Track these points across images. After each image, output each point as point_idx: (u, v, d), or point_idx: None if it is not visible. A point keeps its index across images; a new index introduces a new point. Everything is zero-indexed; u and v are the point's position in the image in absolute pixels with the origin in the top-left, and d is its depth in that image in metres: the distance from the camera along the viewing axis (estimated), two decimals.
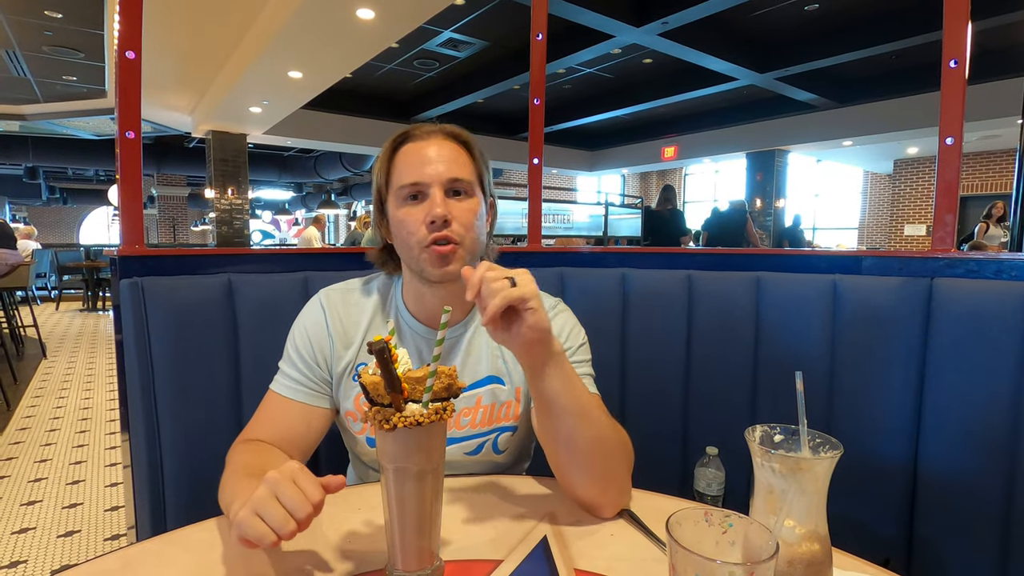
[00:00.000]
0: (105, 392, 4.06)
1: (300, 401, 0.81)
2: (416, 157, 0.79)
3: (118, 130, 1.01)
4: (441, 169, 0.77)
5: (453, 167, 0.78)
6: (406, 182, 0.78)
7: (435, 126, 0.82)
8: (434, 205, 0.76)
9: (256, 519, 0.51)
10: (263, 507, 0.52)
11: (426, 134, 0.80)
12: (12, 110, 8.42)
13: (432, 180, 0.77)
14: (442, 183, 0.77)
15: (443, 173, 0.77)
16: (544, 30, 1.42)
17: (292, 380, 0.82)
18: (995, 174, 9.84)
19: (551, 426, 0.68)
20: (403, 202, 0.79)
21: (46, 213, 15.80)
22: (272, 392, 0.83)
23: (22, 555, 1.98)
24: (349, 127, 9.73)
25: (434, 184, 0.77)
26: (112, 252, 1.00)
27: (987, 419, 0.87)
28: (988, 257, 0.96)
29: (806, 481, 0.47)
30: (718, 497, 1.08)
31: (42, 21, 5.36)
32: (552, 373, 0.65)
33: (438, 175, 0.77)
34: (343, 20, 4.63)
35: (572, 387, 0.67)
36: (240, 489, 0.62)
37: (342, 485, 0.56)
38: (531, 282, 0.62)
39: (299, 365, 0.83)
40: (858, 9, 6.24)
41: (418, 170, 0.78)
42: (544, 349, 0.64)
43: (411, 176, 0.78)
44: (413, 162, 0.78)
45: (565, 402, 0.66)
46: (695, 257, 1.27)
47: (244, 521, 0.52)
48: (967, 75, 1.01)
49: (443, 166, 0.78)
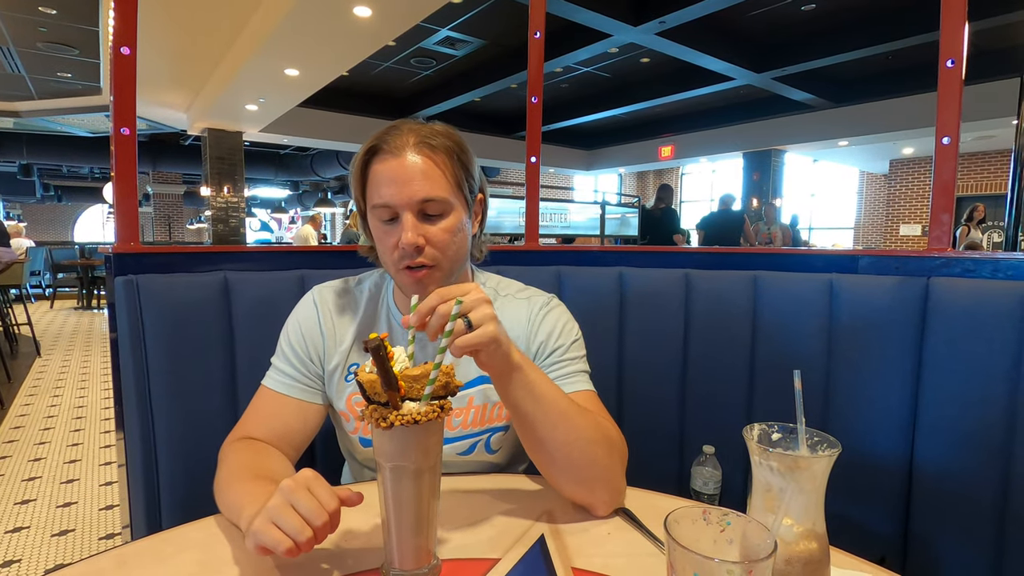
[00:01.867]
0: (100, 390, 4.04)
1: (294, 397, 0.81)
2: (385, 177, 0.74)
3: (113, 126, 1.01)
4: (411, 192, 0.73)
5: (425, 186, 0.73)
6: (377, 203, 0.75)
7: (406, 135, 0.75)
8: (404, 231, 0.73)
9: (272, 527, 0.51)
10: (279, 515, 0.51)
11: (396, 149, 0.74)
12: (6, 107, 8.37)
13: (402, 205, 0.73)
14: (412, 207, 0.73)
15: (413, 195, 0.73)
16: (542, 28, 1.42)
17: (286, 375, 0.82)
18: (990, 175, 9.89)
19: (522, 432, 0.68)
20: (379, 221, 0.76)
21: (40, 211, 15.71)
22: (264, 388, 0.82)
23: (16, 554, 1.97)
24: (346, 125, 9.70)
25: (404, 208, 0.73)
26: (107, 249, 1.00)
27: (983, 418, 0.87)
28: (985, 256, 0.96)
29: (804, 479, 0.47)
30: (714, 496, 1.08)
31: (36, 17, 5.32)
32: (514, 384, 0.64)
33: (408, 199, 0.73)
34: (340, 17, 4.61)
35: (536, 396, 0.65)
36: (247, 492, 0.62)
37: (360, 500, 0.56)
38: (481, 304, 0.59)
39: (293, 360, 0.82)
40: (854, 9, 6.26)
41: (388, 192, 0.73)
42: (498, 363, 0.62)
43: (381, 198, 0.74)
44: (383, 182, 0.74)
45: (529, 410, 0.65)
46: (692, 256, 1.27)
47: (260, 530, 0.51)
48: (963, 75, 1.01)
49: (413, 187, 0.73)
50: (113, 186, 1.02)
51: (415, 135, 0.75)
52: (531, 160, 1.47)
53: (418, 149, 0.74)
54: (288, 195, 16.12)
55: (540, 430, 0.66)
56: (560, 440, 0.66)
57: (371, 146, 0.76)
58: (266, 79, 6.30)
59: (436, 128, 0.77)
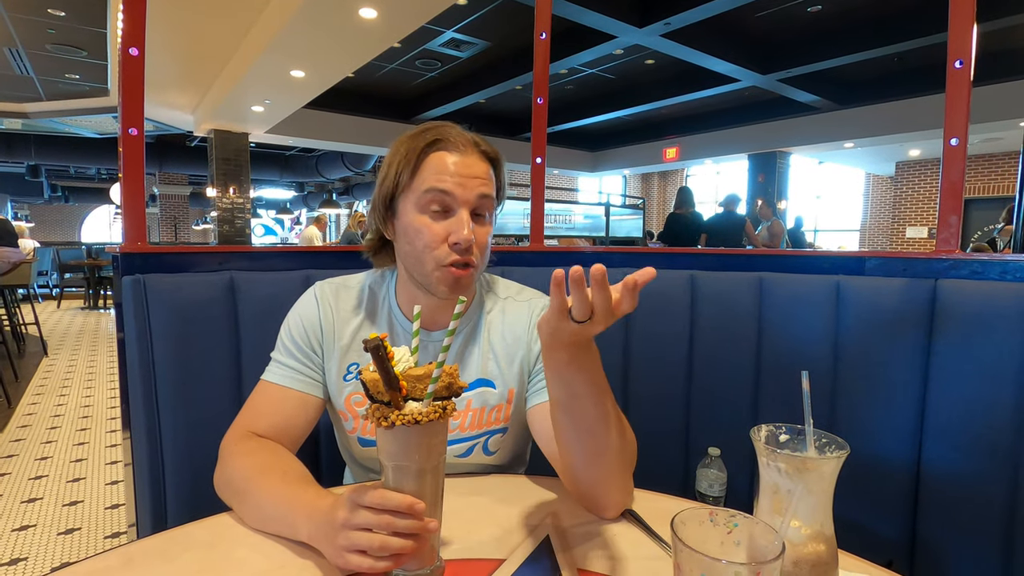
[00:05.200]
0: (106, 390, 4.06)
1: (297, 390, 0.80)
2: (452, 167, 0.75)
3: (121, 127, 1.01)
4: (475, 190, 0.75)
5: (484, 189, 0.76)
6: (437, 187, 0.74)
7: (468, 136, 0.78)
8: (462, 227, 0.74)
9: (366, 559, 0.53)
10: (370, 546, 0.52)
11: (462, 144, 0.76)
12: (15, 108, 8.43)
13: (464, 199, 0.75)
14: (471, 205, 0.75)
15: (475, 191, 0.75)
16: (548, 29, 1.42)
17: (288, 368, 0.81)
18: (997, 177, 9.83)
19: (569, 422, 0.64)
20: (423, 209, 0.75)
21: (48, 211, 15.82)
22: (265, 382, 0.81)
23: (22, 552, 1.98)
24: (351, 127, 9.73)
25: (464, 204, 0.75)
26: (115, 249, 1.00)
27: (991, 422, 0.87)
28: (993, 259, 0.96)
29: (812, 481, 0.47)
30: (719, 498, 1.08)
31: (45, 19, 5.36)
32: (574, 360, 0.58)
33: (471, 195, 0.75)
34: (346, 19, 4.63)
35: (601, 387, 0.62)
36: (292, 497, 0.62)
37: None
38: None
39: (295, 352, 0.81)
40: (861, 11, 6.23)
41: (452, 182, 0.74)
42: (586, 340, 0.58)
43: (444, 184, 0.74)
44: (447, 172, 0.75)
45: (587, 398, 0.61)
46: (698, 257, 1.27)
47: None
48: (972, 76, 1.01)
49: (476, 186, 0.75)
50: (121, 186, 1.02)
51: (476, 141, 0.78)
52: (536, 161, 1.47)
53: (481, 152, 0.78)
54: (293, 196, 16.18)
55: (588, 423, 0.62)
56: (602, 440, 0.63)
57: (433, 136, 0.76)
58: (272, 80, 6.33)
59: (490, 144, 0.80)
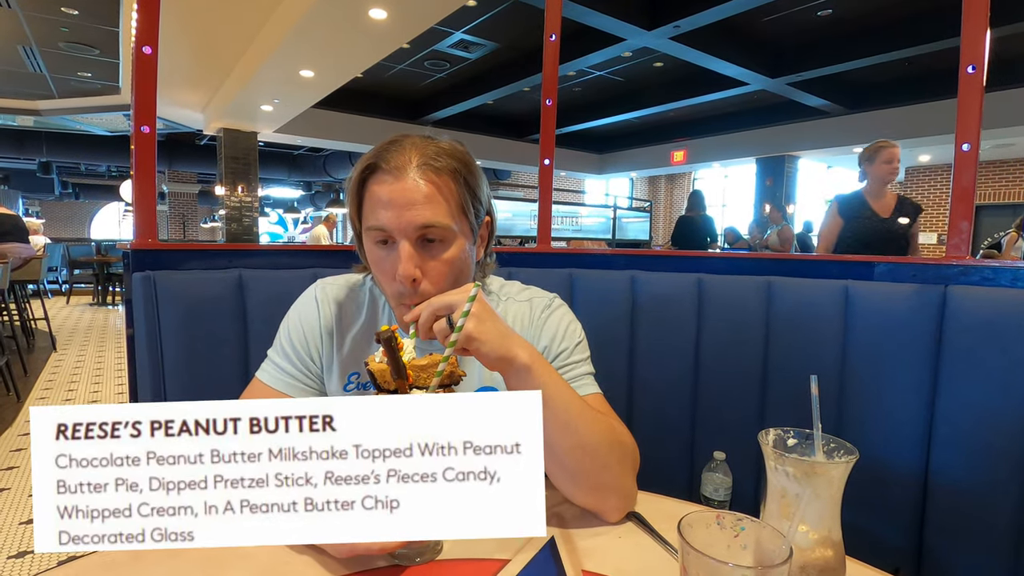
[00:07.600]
0: (114, 385, 4.09)
1: (288, 395, 0.78)
2: (383, 199, 0.68)
3: (133, 124, 1.02)
4: (410, 217, 0.67)
5: (426, 212, 0.68)
6: (372, 225, 0.70)
7: (408, 152, 0.69)
8: (399, 262, 0.68)
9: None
10: None
11: (396, 169, 0.68)
12: (27, 105, 8.53)
13: (399, 231, 0.68)
14: (410, 234, 0.68)
15: (412, 221, 0.67)
16: (558, 31, 1.42)
17: (282, 371, 0.79)
18: (1008, 183, 9.74)
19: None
20: (373, 243, 0.72)
21: (58, 208, 15.96)
22: (258, 380, 0.79)
23: (30, 545, 1.99)
24: (359, 127, 9.78)
25: (403, 236, 0.68)
26: (126, 245, 1.01)
27: (1001, 430, 0.86)
28: (1004, 265, 0.95)
29: (820, 486, 0.47)
30: (725, 502, 1.07)
31: (58, 17, 5.43)
32: (519, 384, 0.63)
33: (406, 225, 0.67)
34: (355, 20, 4.65)
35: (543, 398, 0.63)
36: None
37: None
38: (459, 305, 0.59)
39: (292, 356, 0.80)
40: (871, 15, 6.20)
41: (384, 216, 0.68)
42: (492, 361, 0.62)
43: (379, 220, 0.68)
44: (380, 203, 0.68)
45: None
46: (705, 260, 1.26)
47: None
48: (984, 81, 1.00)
49: (413, 212, 0.67)
50: (132, 182, 1.03)
51: (418, 154, 0.69)
52: (544, 162, 1.47)
53: (421, 171, 0.68)
54: (301, 195, 16.25)
55: (548, 435, 0.63)
56: (565, 445, 0.65)
57: (369, 163, 0.70)
58: (281, 80, 6.37)
59: (442, 146, 0.71)
